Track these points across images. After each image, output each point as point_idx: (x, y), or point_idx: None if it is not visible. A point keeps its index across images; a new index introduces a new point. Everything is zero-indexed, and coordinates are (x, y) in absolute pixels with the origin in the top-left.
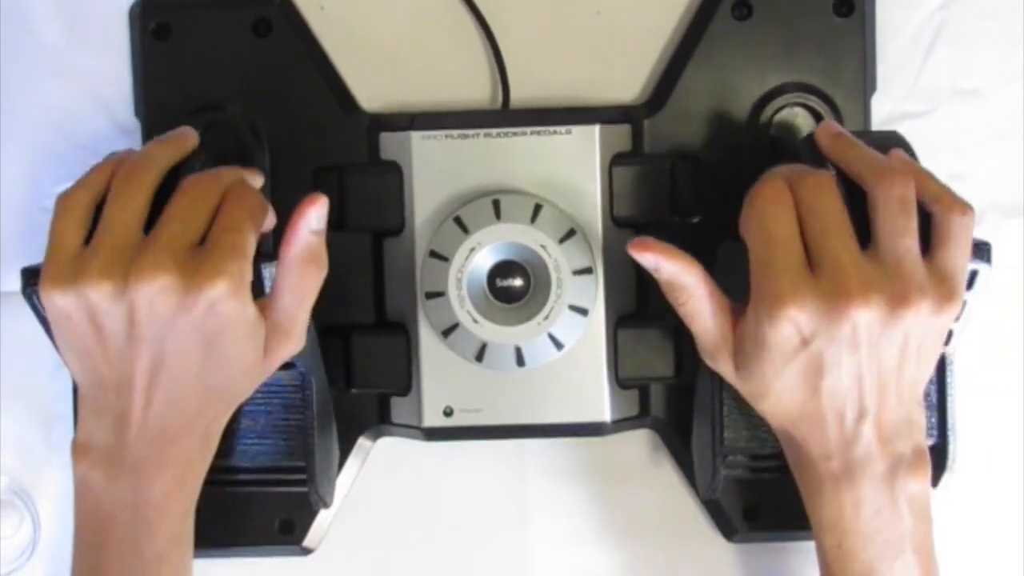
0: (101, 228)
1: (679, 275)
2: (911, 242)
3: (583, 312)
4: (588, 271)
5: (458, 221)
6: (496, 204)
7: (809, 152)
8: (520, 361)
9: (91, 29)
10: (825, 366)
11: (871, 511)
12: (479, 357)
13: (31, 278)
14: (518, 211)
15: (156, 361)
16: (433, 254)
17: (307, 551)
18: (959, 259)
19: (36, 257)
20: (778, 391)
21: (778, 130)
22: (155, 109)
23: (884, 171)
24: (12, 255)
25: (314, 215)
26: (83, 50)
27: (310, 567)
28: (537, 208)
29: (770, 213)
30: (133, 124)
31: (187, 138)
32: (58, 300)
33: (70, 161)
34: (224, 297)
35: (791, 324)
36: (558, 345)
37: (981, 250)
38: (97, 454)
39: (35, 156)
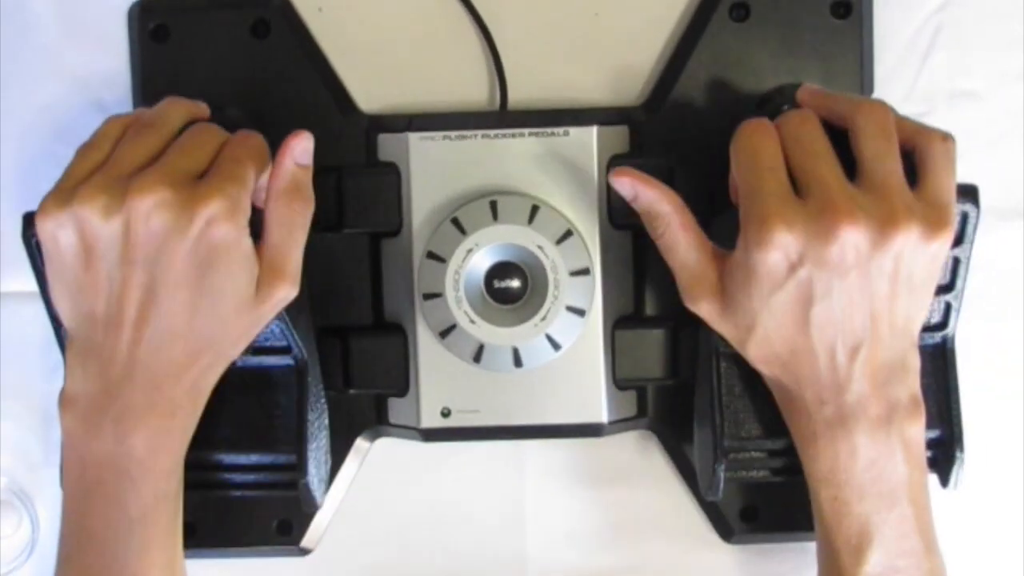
0: (108, 163)
1: (655, 202)
2: (895, 165)
3: (580, 313)
4: (585, 272)
5: (455, 222)
6: (493, 205)
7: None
8: (518, 362)
9: (90, 30)
10: (814, 294)
11: (866, 461)
12: (476, 358)
13: (31, 221)
14: (515, 212)
15: (147, 290)
16: (430, 255)
17: (305, 551)
18: (945, 184)
19: None
20: (766, 325)
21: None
22: None
23: (863, 103)
24: (12, 255)
25: (299, 148)
26: (82, 51)
27: (308, 567)
28: (534, 209)
29: (755, 143)
30: None
31: (200, 105)
32: (50, 224)
33: (69, 161)
34: (220, 217)
35: (779, 249)
36: (555, 346)
37: (969, 192)
38: (81, 406)
39: (34, 157)
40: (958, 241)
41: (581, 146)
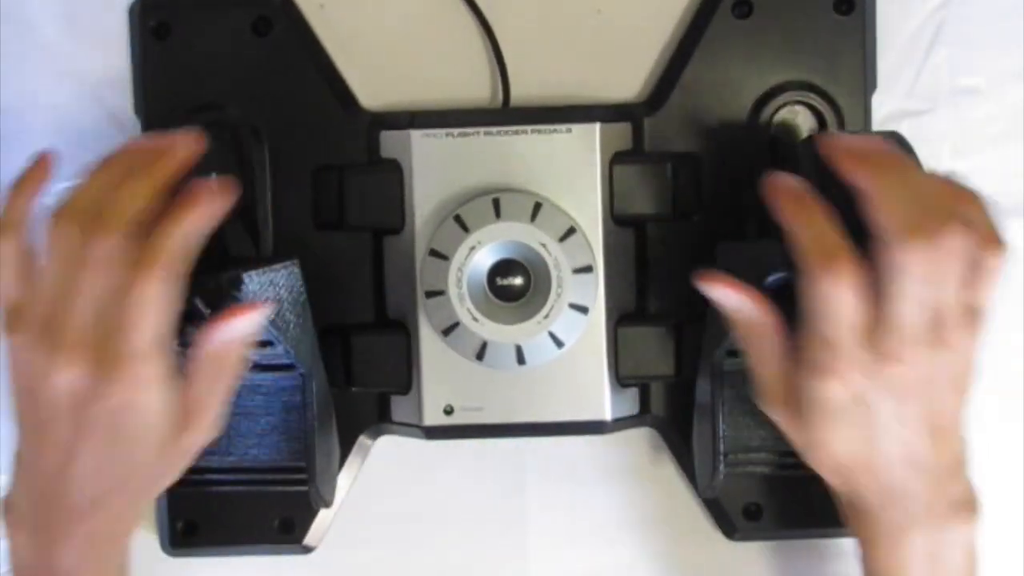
0: (39, 301)
1: (756, 311)
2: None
3: (583, 310)
4: (588, 269)
5: (458, 220)
6: (496, 203)
7: (807, 155)
8: (521, 359)
9: (91, 28)
10: (878, 420)
11: (926, 557)
12: (479, 356)
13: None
14: (518, 209)
15: (69, 437)
16: (433, 253)
17: (307, 549)
18: (989, 296)
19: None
20: (831, 443)
21: (777, 130)
22: (155, 108)
23: (881, 173)
24: None
25: (241, 325)
26: (83, 49)
27: (310, 566)
28: (537, 206)
29: (837, 295)
30: (133, 123)
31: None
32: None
33: (70, 160)
34: (127, 407)
35: (841, 386)
36: (559, 343)
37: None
38: (17, 513)
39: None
40: None
41: (584, 143)
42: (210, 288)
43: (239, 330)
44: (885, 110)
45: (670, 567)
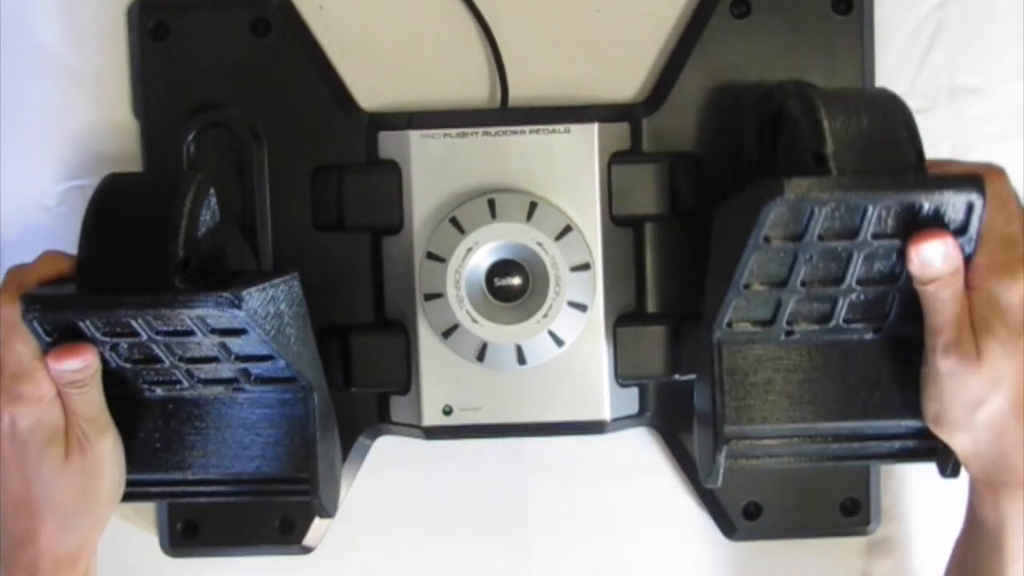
0: None
1: (957, 259)
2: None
3: (582, 308)
4: (586, 267)
5: (454, 221)
6: (491, 203)
7: (799, 102)
8: (521, 359)
9: (89, 29)
10: None
11: None
12: (480, 357)
13: (31, 304)
14: (513, 209)
15: None
16: (430, 255)
17: (307, 550)
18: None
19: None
20: (1007, 371)
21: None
22: (153, 109)
23: (984, 171)
24: (12, 255)
25: (69, 365)
26: (81, 50)
27: (310, 566)
28: (532, 206)
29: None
30: (131, 124)
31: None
32: None
33: (69, 161)
34: (14, 424)
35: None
36: (559, 342)
37: (975, 183)
38: None
39: (34, 156)
40: (963, 231)
41: (582, 143)
42: (51, 320)
43: (68, 369)
44: None
45: (670, 566)
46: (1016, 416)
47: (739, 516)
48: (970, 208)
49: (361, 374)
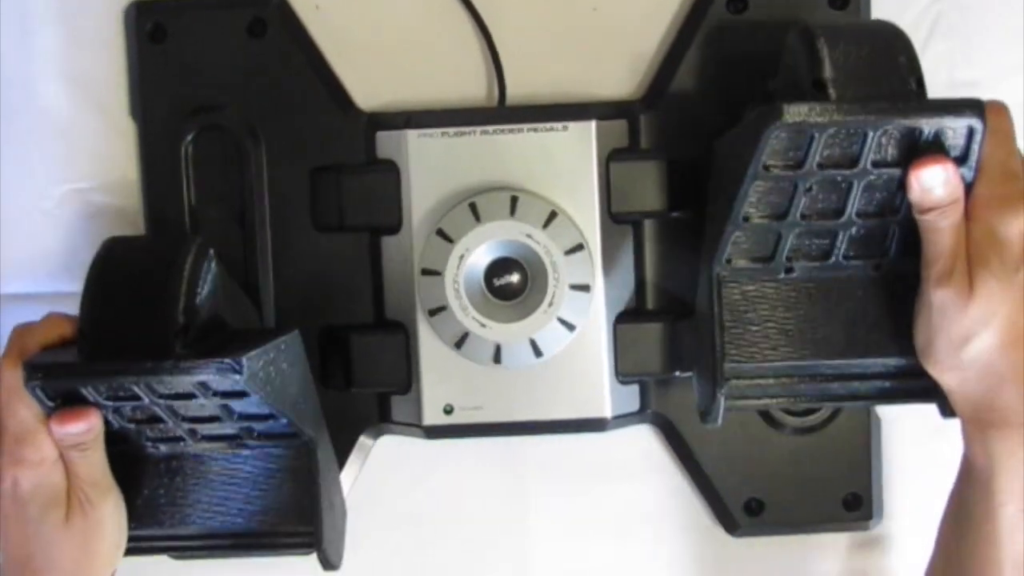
0: None
1: (957, 186)
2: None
3: (585, 288)
4: (580, 248)
5: (441, 233)
6: (473, 207)
7: (798, 33)
8: (537, 352)
9: (86, 31)
10: None
11: None
12: (497, 359)
13: (33, 372)
14: (496, 208)
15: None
16: (425, 271)
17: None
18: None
19: (37, 259)
20: (1003, 308)
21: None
22: (151, 111)
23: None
24: (12, 256)
25: (73, 429)
26: (79, 52)
27: (312, 566)
28: (514, 200)
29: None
30: (129, 126)
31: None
32: None
33: (67, 163)
34: (15, 485)
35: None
36: (569, 327)
37: (974, 107)
38: None
39: (33, 158)
40: (963, 159)
41: (580, 141)
42: (54, 387)
43: (72, 432)
44: None
45: (672, 563)
46: (1005, 353)
47: (741, 512)
48: (971, 133)
49: (361, 374)
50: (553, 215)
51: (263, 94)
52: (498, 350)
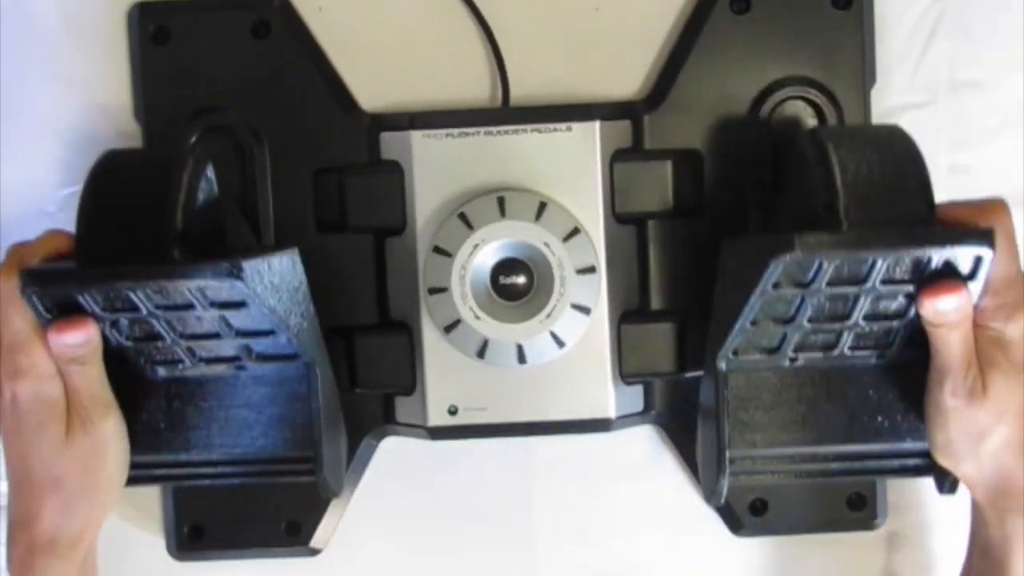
0: None
1: (967, 306)
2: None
3: (586, 311)
4: (592, 270)
5: (463, 217)
6: (501, 201)
7: (811, 146)
8: (522, 358)
9: (90, 33)
10: None
11: None
12: (480, 354)
13: (30, 279)
14: (523, 208)
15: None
16: (437, 250)
17: (314, 551)
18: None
19: None
20: (1013, 400)
21: (778, 124)
22: (155, 112)
23: (985, 208)
24: None
25: (70, 339)
26: (82, 54)
27: (318, 567)
28: (542, 206)
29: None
30: (133, 128)
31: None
32: None
33: (70, 166)
34: (15, 399)
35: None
36: (560, 343)
37: (985, 237)
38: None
39: (35, 161)
40: (971, 277)
41: (584, 141)
42: (51, 295)
43: (69, 343)
44: (885, 104)
45: (677, 563)
46: (1020, 446)
47: (746, 512)
48: (979, 260)
49: (366, 375)
50: (575, 231)
51: (267, 95)
52: (484, 345)
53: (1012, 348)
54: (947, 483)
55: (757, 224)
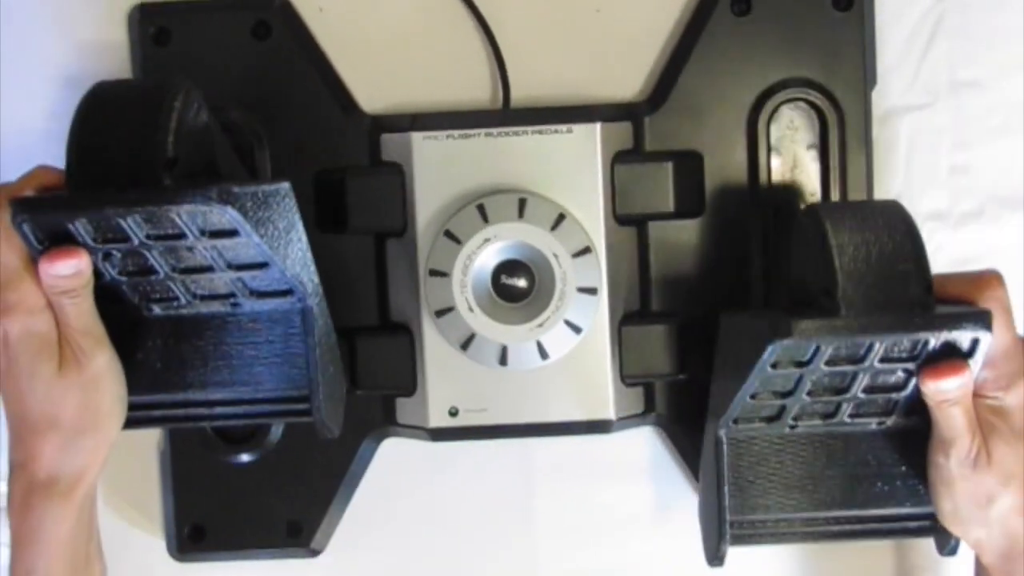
0: None
1: (969, 385)
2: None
3: (577, 330)
4: (587, 251)
5: (480, 209)
6: (481, 208)
7: (810, 225)
8: (503, 360)
9: (91, 34)
10: None
11: None
12: (464, 346)
13: (21, 207)
14: (504, 210)
15: None
16: (447, 234)
17: (315, 552)
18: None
19: None
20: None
21: (780, 190)
22: None
23: (979, 280)
24: None
25: (61, 268)
26: (83, 56)
27: (318, 569)
28: (522, 202)
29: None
30: None
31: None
32: None
33: None
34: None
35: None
36: (544, 355)
37: (981, 318)
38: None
39: (36, 162)
40: (970, 354)
41: (585, 143)
42: (41, 224)
43: (61, 273)
44: (885, 105)
45: (677, 565)
46: None
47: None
48: (976, 341)
49: (367, 376)
50: (561, 217)
51: (267, 96)
52: (504, 352)
53: (1012, 416)
54: (948, 546)
55: (758, 295)
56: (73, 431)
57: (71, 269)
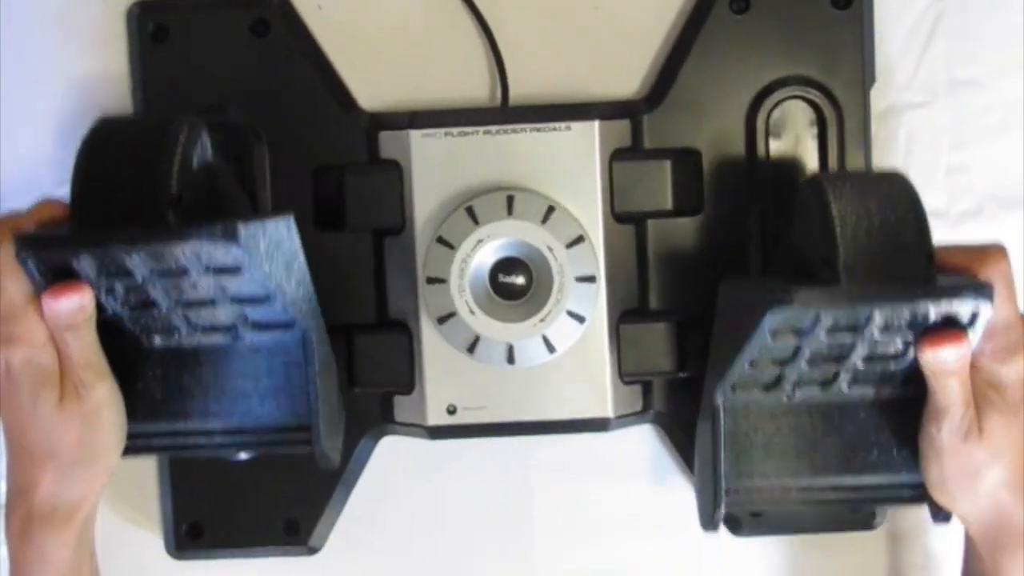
0: None
1: (967, 355)
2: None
3: (580, 319)
4: (591, 279)
5: (470, 211)
6: (510, 200)
7: (812, 195)
8: (511, 359)
9: (89, 32)
10: None
11: None
12: (471, 349)
13: (25, 243)
14: (530, 209)
15: None
16: (440, 240)
17: (313, 550)
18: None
19: None
20: (1012, 434)
21: (782, 161)
22: (154, 111)
23: (985, 254)
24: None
25: (64, 305)
26: (81, 53)
27: (316, 567)
28: (550, 210)
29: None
30: None
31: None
32: None
33: (69, 166)
34: (10, 366)
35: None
36: (551, 348)
37: (983, 290)
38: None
39: (34, 161)
40: (970, 324)
41: (583, 141)
42: (46, 260)
43: (64, 308)
44: (884, 103)
45: (676, 563)
46: (1014, 484)
47: (745, 513)
48: (976, 313)
49: (364, 374)
50: (580, 239)
51: (266, 94)
52: (503, 350)
53: (1008, 389)
54: (942, 513)
55: (757, 264)
56: (72, 462)
57: (74, 305)
